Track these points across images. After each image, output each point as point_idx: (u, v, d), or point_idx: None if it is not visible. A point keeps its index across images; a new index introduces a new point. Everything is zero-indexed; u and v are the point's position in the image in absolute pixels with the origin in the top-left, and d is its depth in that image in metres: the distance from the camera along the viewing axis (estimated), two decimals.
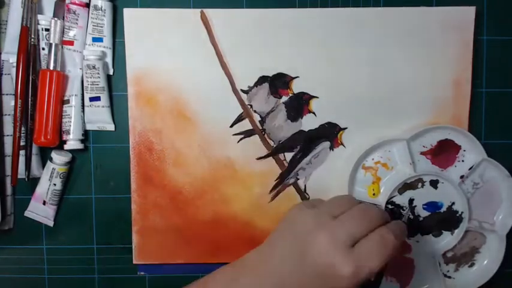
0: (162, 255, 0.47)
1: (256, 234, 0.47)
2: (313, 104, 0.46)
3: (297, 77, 0.46)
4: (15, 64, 0.44)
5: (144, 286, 0.49)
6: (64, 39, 0.45)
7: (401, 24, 0.46)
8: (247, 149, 0.47)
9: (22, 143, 0.45)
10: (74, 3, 0.44)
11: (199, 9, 0.45)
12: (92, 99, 0.45)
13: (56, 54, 0.44)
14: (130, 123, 0.46)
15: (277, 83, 0.46)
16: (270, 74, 0.46)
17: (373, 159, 0.46)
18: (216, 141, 0.46)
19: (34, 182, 0.46)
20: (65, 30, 0.45)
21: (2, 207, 0.45)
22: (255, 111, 0.47)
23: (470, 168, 0.45)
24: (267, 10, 0.46)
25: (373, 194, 0.46)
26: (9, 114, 0.46)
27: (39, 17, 0.44)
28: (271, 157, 0.47)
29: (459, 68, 0.46)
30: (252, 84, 0.46)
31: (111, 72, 0.47)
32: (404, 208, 0.46)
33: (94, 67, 0.44)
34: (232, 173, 0.47)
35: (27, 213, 0.47)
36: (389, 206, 0.46)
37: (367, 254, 0.34)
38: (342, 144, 0.47)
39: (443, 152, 0.46)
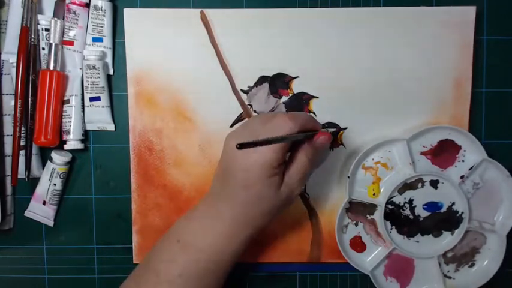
0: None
1: None
2: (313, 104, 0.46)
3: (297, 77, 0.46)
4: (15, 64, 0.44)
5: None
6: (64, 39, 0.45)
7: (401, 24, 0.46)
8: None
9: (22, 143, 0.45)
10: (74, 3, 0.44)
11: (199, 9, 0.45)
12: (92, 99, 0.45)
13: (56, 54, 0.44)
14: (130, 123, 0.46)
15: (277, 83, 0.46)
16: (270, 74, 0.46)
17: (373, 159, 0.46)
18: (216, 141, 0.46)
19: (34, 182, 0.46)
20: (65, 30, 0.45)
21: (2, 207, 0.45)
22: (255, 111, 0.47)
23: (470, 169, 0.45)
24: (267, 10, 0.46)
25: (373, 194, 0.46)
26: (9, 114, 0.46)
27: (39, 17, 0.44)
28: None
29: (459, 68, 0.46)
30: (252, 84, 0.46)
31: (111, 72, 0.47)
32: (404, 208, 0.46)
33: (94, 67, 0.44)
34: None
35: (27, 213, 0.47)
36: (390, 206, 0.46)
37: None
38: (342, 144, 0.47)
39: (444, 152, 0.46)
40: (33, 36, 0.44)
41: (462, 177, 0.46)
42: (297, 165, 0.39)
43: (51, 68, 0.44)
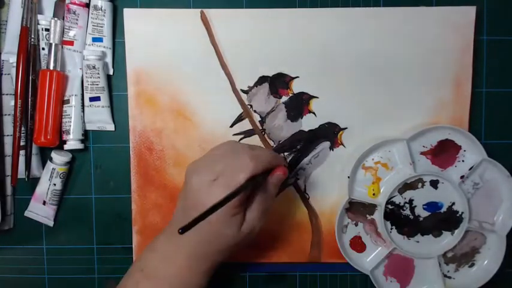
0: None
1: None
2: (313, 104, 0.46)
3: (297, 77, 0.46)
4: (15, 64, 0.44)
5: None
6: (64, 39, 0.45)
7: (401, 24, 0.46)
8: None
9: (22, 143, 0.45)
10: (74, 3, 0.44)
11: (199, 9, 0.45)
12: (92, 99, 0.45)
13: (56, 54, 0.44)
14: (130, 123, 0.46)
15: (277, 83, 0.46)
16: (270, 74, 0.46)
17: (373, 159, 0.46)
18: (216, 141, 0.46)
19: (34, 182, 0.46)
20: (65, 30, 0.45)
21: (2, 207, 0.45)
22: (255, 111, 0.47)
23: (470, 169, 0.45)
24: (267, 10, 0.46)
25: (373, 194, 0.46)
26: (9, 114, 0.46)
27: (39, 17, 0.44)
28: None
29: (459, 68, 0.46)
30: (252, 84, 0.46)
31: (111, 72, 0.47)
32: (404, 208, 0.46)
33: (94, 67, 0.44)
34: None
35: (27, 213, 0.47)
36: (389, 206, 0.46)
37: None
38: (342, 144, 0.47)
39: (444, 152, 0.46)
40: (33, 36, 0.44)
41: (462, 177, 0.46)
42: (257, 202, 0.38)
43: (51, 68, 0.44)
